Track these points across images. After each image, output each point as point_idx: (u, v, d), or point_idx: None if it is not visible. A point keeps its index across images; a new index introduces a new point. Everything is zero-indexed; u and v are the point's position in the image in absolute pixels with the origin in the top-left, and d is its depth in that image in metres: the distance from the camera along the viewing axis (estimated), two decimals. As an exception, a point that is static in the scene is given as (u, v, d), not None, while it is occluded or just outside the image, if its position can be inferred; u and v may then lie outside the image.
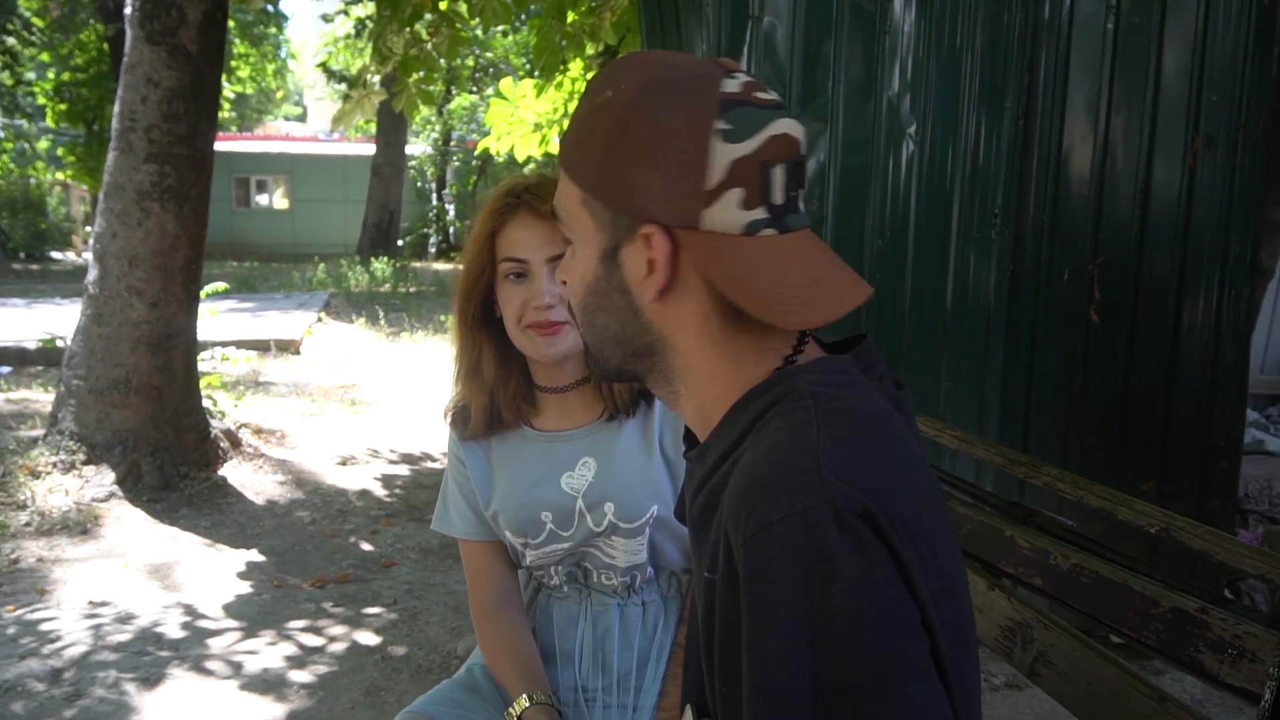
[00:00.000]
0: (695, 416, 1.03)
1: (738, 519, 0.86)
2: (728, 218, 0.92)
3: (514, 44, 23.51)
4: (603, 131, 0.95)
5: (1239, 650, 1.14)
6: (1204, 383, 3.32)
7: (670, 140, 0.91)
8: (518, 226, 1.61)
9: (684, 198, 0.92)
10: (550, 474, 1.70)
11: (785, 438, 0.88)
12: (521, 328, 1.61)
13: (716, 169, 0.91)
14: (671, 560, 1.72)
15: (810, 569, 0.81)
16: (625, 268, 0.98)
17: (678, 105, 0.92)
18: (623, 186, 0.95)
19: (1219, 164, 3.17)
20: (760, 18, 3.30)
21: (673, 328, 0.99)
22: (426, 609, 3.89)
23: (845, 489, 0.83)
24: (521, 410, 1.72)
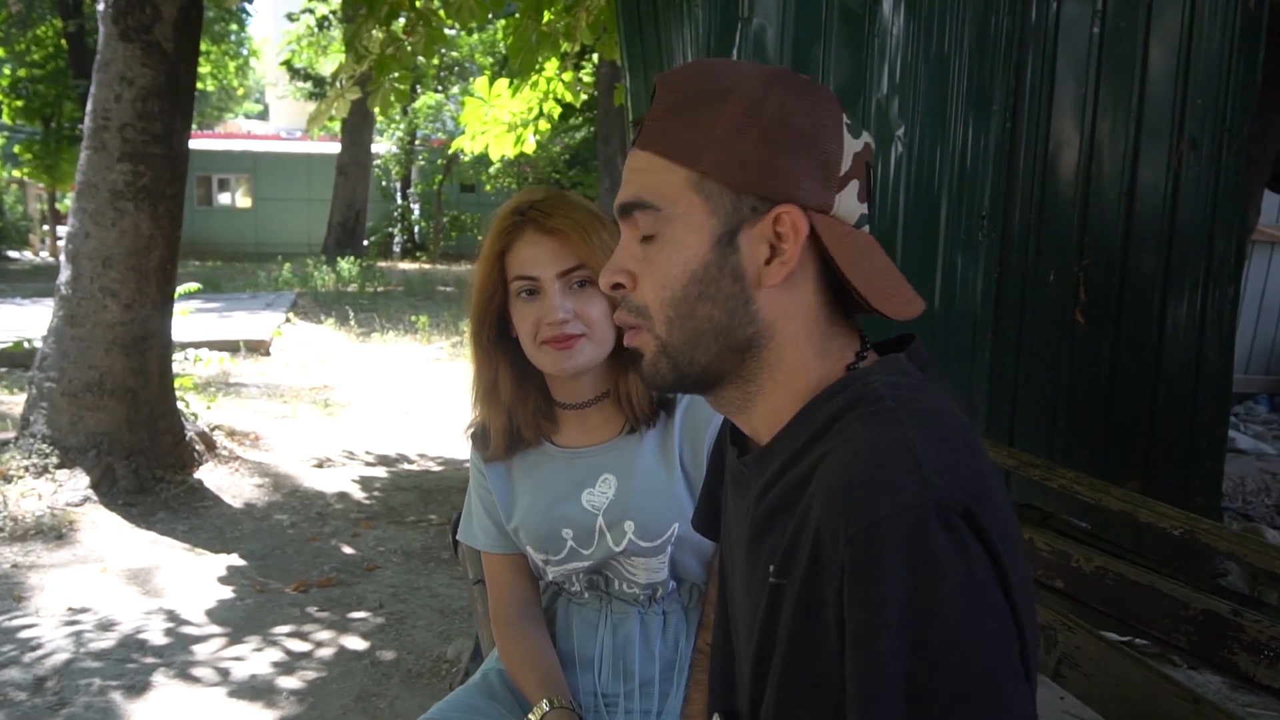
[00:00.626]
0: (766, 420, 1.01)
1: (838, 516, 0.85)
2: (850, 207, 0.96)
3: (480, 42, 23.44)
4: (730, 113, 0.95)
5: (1276, 652, 1.15)
6: (1188, 383, 3.37)
7: (812, 122, 0.94)
8: (526, 244, 1.60)
9: (821, 181, 0.94)
10: (571, 491, 1.69)
11: (879, 436, 0.88)
12: (537, 344, 1.60)
13: (845, 159, 0.94)
14: (693, 573, 1.71)
15: (917, 567, 0.81)
16: (743, 251, 0.96)
17: (807, 92, 0.95)
18: (756, 167, 0.94)
19: (1203, 166, 3.22)
20: (750, 20, 3.30)
21: (780, 315, 0.98)
22: (413, 612, 3.86)
23: (949, 488, 0.83)
24: (541, 427, 1.71)
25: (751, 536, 1.01)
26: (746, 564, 1.03)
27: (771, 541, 0.98)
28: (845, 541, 0.84)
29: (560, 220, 1.58)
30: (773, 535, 0.98)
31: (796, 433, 0.97)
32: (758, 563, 1.00)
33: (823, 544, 0.88)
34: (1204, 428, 3.38)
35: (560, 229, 1.58)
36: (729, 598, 1.17)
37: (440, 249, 25.78)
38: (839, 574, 0.85)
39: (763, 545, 0.99)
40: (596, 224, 1.61)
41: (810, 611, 0.91)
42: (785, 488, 0.96)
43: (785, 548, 0.95)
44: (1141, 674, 1.29)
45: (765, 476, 0.99)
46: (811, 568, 0.90)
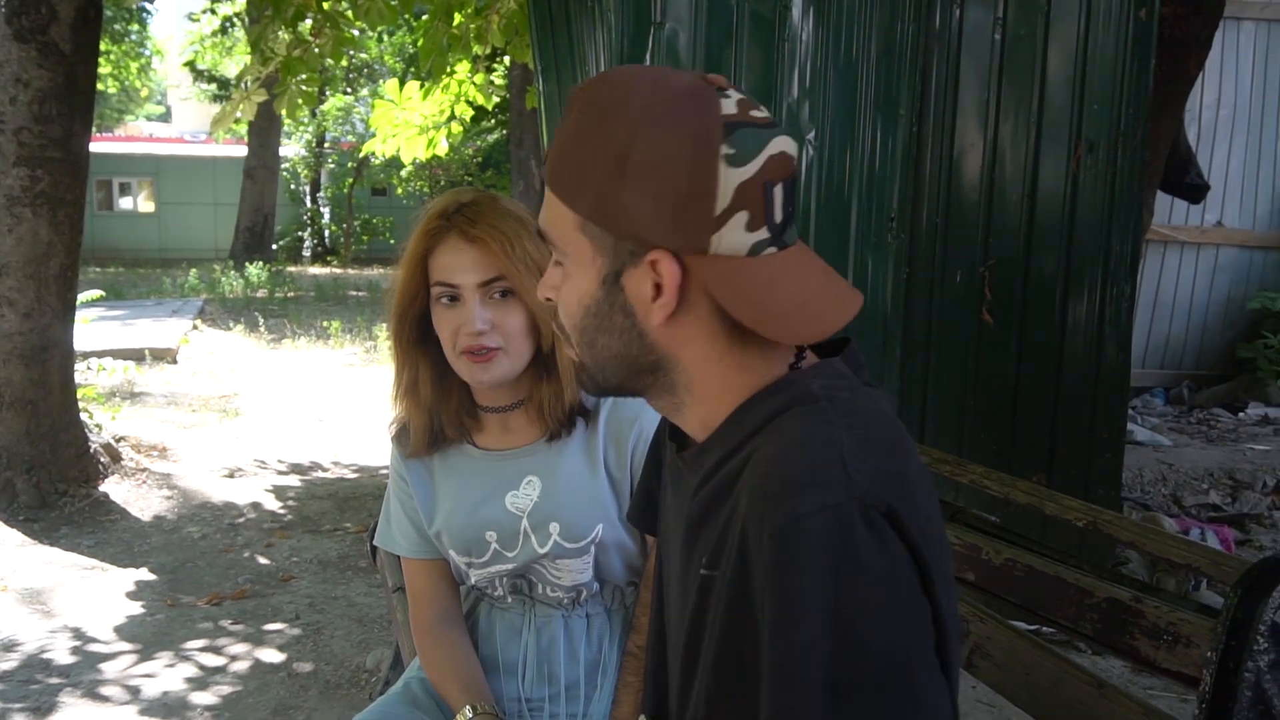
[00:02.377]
0: (700, 424, 1.04)
1: (763, 511, 0.88)
2: (735, 241, 0.94)
3: (390, 45, 23.16)
4: (603, 157, 0.95)
5: (1174, 636, 1.21)
6: (1088, 378, 3.49)
7: (677, 168, 0.92)
8: (448, 250, 1.58)
9: (692, 225, 0.93)
10: (494, 493, 1.69)
11: (808, 434, 0.91)
12: (456, 353, 1.59)
13: (723, 194, 0.92)
14: (616, 575, 1.72)
15: (839, 563, 0.84)
16: (629, 291, 0.99)
17: (681, 131, 0.92)
18: (627, 213, 0.95)
19: (1100, 169, 3.34)
20: (662, 24, 3.33)
21: (678, 345, 1.00)
22: (330, 623, 3.81)
23: (871, 487, 0.86)
24: (464, 425, 1.70)
25: (688, 531, 1.03)
26: (682, 558, 1.05)
27: (705, 535, 1.00)
28: (768, 536, 0.87)
29: (484, 229, 1.57)
30: (706, 529, 1.00)
31: (732, 430, 0.99)
32: (693, 556, 1.02)
33: (749, 540, 0.90)
34: (1104, 421, 3.50)
35: (483, 238, 1.57)
36: (664, 594, 1.19)
37: (352, 253, 25.40)
38: (762, 567, 0.88)
39: (698, 539, 1.01)
40: (522, 234, 1.60)
41: (738, 604, 0.93)
42: (719, 482, 0.98)
43: (715, 541, 0.97)
44: (1050, 662, 1.34)
45: (701, 472, 1.02)
46: (739, 563, 0.92)
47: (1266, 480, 5.23)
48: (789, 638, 0.85)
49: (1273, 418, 6.50)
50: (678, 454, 1.09)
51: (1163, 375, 7.19)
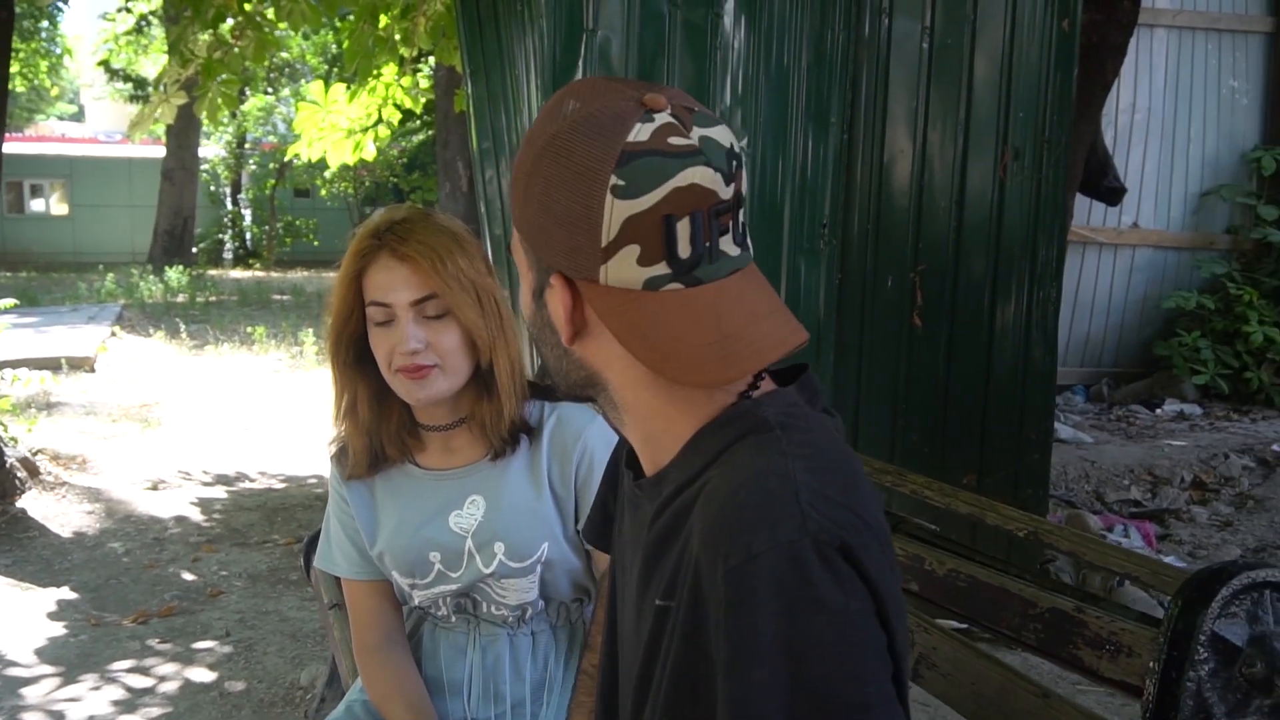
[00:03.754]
0: (642, 444, 1.04)
1: (717, 548, 0.87)
2: (624, 274, 0.91)
3: (312, 45, 22.81)
4: (526, 170, 0.96)
5: (1116, 646, 1.23)
6: (1016, 379, 3.56)
7: (569, 192, 0.91)
8: (380, 269, 1.57)
9: (583, 252, 0.92)
10: (437, 513, 1.67)
11: (762, 467, 0.90)
12: (392, 372, 1.57)
13: (609, 226, 0.90)
14: (562, 592, 1.72)
15: (793, 602, 0.83)
16: (550, 308, 1.00)
17: (580, 155, 0.91)
18: (536, 231, 0.96)
19: (1026, 175, 3.41)
20: (595, 31, 3.32)
21: (601, 366, 1.00)
22: (262, 639, 3.74)
23: (825, 523, 0.85)
24: (406, 445, 1.68)
25: (645, 561, 1.02)
26: (638, 585, 1.04)
27: (661, 566, 0.99)
28: (721, 574, 0.86)
29: (415, 246, 1.56)
30: (663, 560, 0.99)
31: (689, 459, 0.98)
32: (649, 585, 1.02)
33: (702, 577, 0.89)
34: (1032, 422, 3.58)
35: (413, 256, 1.55)
36: (618, 616, 1.18)
37: (275, 256, 24.96)
38: (716, 605, 0.87)
39: (655, 569, 1.01)
40: (454, 250, 1.58)
41: (692, 638, 0.92)
42: (673, 514, 0.98)
43: (670, 573, 0.96)
44: (996, 671, 1.36)
45: (657, 501, 1.01)
46: (692, 599, 0.91)
47: (1184, 476, 5.39)
48: (745, 678, 0.84)
49: (1188, 414, 6.70)
50: (634, 481, 1.09)
51: (1083, 373, 7.37)
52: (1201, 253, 7.37)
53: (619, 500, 1.22)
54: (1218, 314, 7.04)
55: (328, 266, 23.72)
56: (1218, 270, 7.17)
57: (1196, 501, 5.13)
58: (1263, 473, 5.49)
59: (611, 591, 1.23)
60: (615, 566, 1.22)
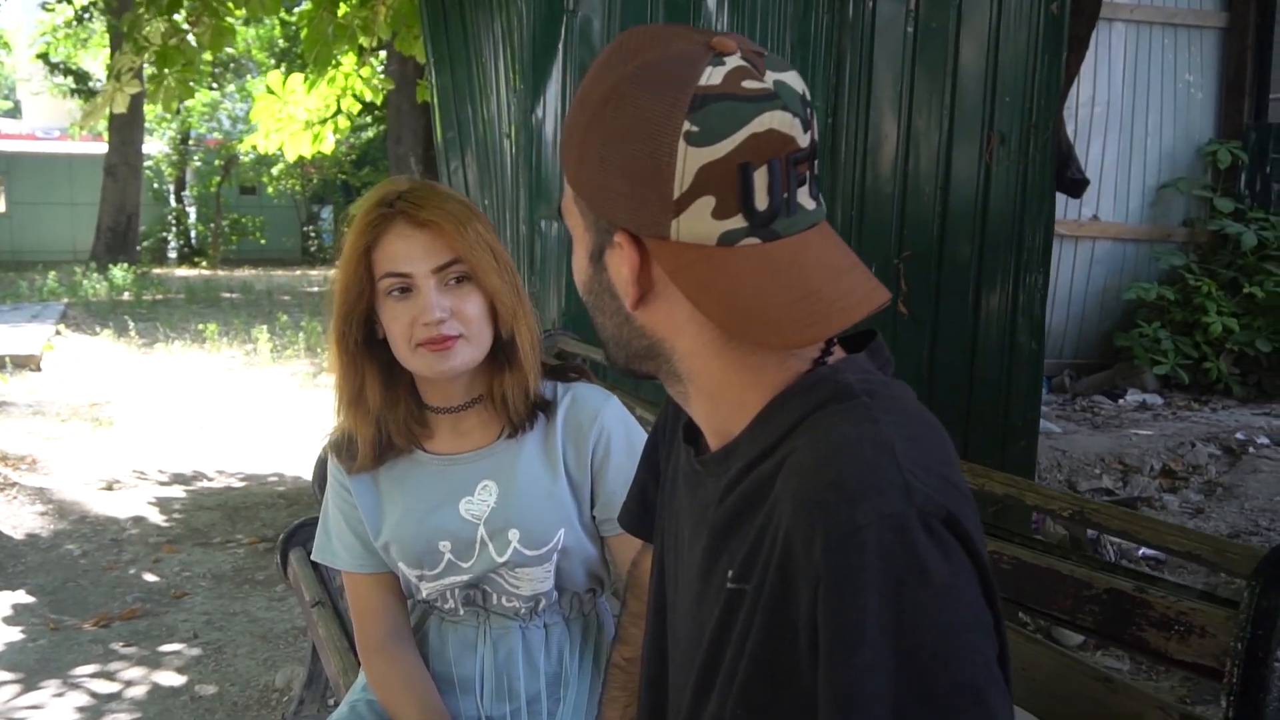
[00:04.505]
0: (708, 417, 0.97)
1: (814, 522, 0.80)
2: (699, 229, 0.85)
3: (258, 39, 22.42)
4: (582, 125, 0.89)
5: (1187, 626, 1.18)
6: (1002, 367, 3.53)
7: (635, 143, 0.84)
8: (396, 238, 1.49)
9: (650, 206, 0.85)
10: (447, 500, 1.58)
11: (855, 434, 0.83)
12: (412, 347, 1.49)
13: (682, 176, 0.83)
14: (576, 582, 1.64)
15: (902, 577, 0.77)
16: (610, 271, 0.93)
17: (647, 102, 0.84)
18: (597, 189, 0.89)
19: (1012, 161, 3.38)
20: (575, 12, 3.25)
21: (667, 333, 0.93)
22: (231, 640, 3.61)
23: (930, 493, 0.80)
24: (413, 433, 1.59)
25: (712, 540, 0.95)
26: (702, 569, 0.97)
27: (732, 545, 0.92)
28: (821, 551, 0.79)
29: (433, 211, 1.48)
30: (734, 539, 0.92)
31: (762, 431, 0.91)
32: (715, 568, 0.95)
33: (794, 552, 0.82)
34: (1018, 410, 3.56)
35: (434, 221, 1.48)
36: (667, 606, 1.10)
37: (220, 254, 24.50)
38: (814, 585, 0.80)
39: (723, 549, 0.93)
40: (471, 215, 1.52)
41: (777, 624, 0.85)
42: (748, 488, 0.91)
43: (746, 552, 0.89)
44: (1049, 657, 1.31)
45: (728, 476, 0.93)
46: (779, 577, 0.84)
47: (1153, 464, 5.42)
48: (851, 661, 0.77)
49: (1150, 404, 6.76)
50: (695, 457, 1.01)
51: (1046, 364, 7.40)
52: (1160, 245, 7.45)
53: (668, 480, 1.14)
54: (1177, 305, 7.11)
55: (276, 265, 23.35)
56: (1176, 262, 7.26)
57: (1167, 489, 5.16)
58: (1229, 460, 5.55)
59: (658, 577, 1.15)
60: (664, 551, 1.14)
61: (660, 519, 1.16)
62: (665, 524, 1.13)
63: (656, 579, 1.16)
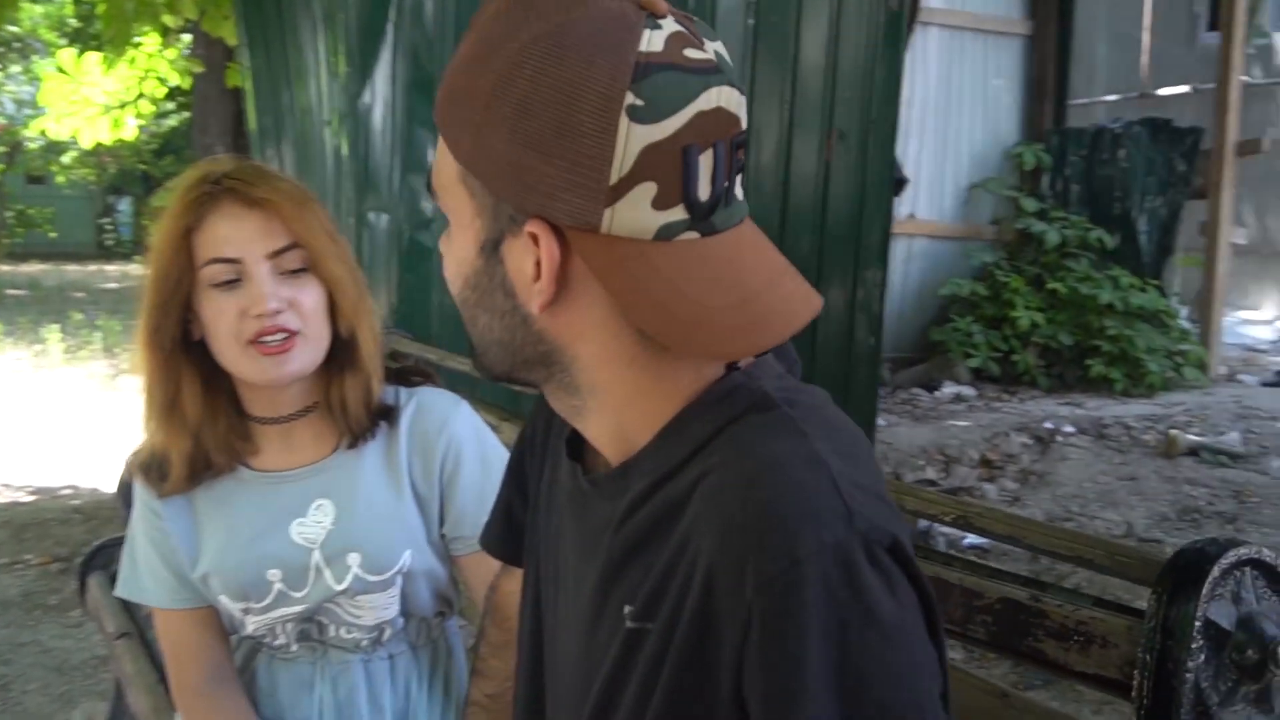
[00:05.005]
0: (610, 432, 0.84)
1: (743, 554, 0.69)
2: (635, 220, 0.73)
3: (46, 18, 20.90)
4: (485, 89, 0.74)
5: (1086, 636, 1.14)
6: (841, 361, 3.54)
7: (562, 115, 0.71)
8: (223, 219, 1.31)
9: (579, 193, 0.72)
10: (276, 523, 1.41)
11: (784, 451, 0.73)
12: (241, 345, 1.31)
13: (622, 158, 0.71)
14: (423, 606, 1.49)
15: (846, 616, 0.68)
16: (508, 265, 0.78)
17: (580, 68, 0.71)
18: (505, 167, 0.74)
19: (852, 157, 3.38)
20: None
21: (571, 339, 0.80)
22: (20, 674, 3.27)
23: (871, 517, 0.70)
24: (236, 449, 1.41)
25: (607, 571, 0.83)
26: (593, 601, 0.85)
27: (632, 576, 0.80)
28: (754, 589, 0.69)
29: (267, 189, 1.31)
30: (634, 569, 0.80)
31: (669, 445, 0.79)
32: (609, 601, 0.82)
33: (716, 589, 0.71)
34: (857, 406, 3.57)
35: (269, 200, 1.31)
36: (544, 638, 0.98)
37: (5, 248, 22.76)
38: (742, 628, 0.70)
39: (619, 581, 0.82)
40: (307, 196, 1.35)
41: (691, 669, 0.74)
42: (653, 512, 0.79)
43: (652, 586, 0.78)
44: (942, 672, 1.24)
45: (627, 498, 0.81)
46: (696, 616, 0.73)
47: (972, 454, 5.61)
48: (791, 715, 0.68)
49: (964, 395, 7.01)
50: (583, 476, 0.89)
51: (869, 359, 7.60)
52: (971, 242, 7.75)
53: (542, 499, 1.02)
54: (988, 300, 7.40)
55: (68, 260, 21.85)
56: (987, 259, 7.56)
57: (985, 479, 5.34)
58: (1040, 449, 5.79)
59: (532, 606, 1.03)
60: (539, 578, 1.02)
61: (532, 542, 1.03)
62: (541, 548, 1.00)
63: (530, 608, 1.03)
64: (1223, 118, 7.30)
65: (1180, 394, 7.00)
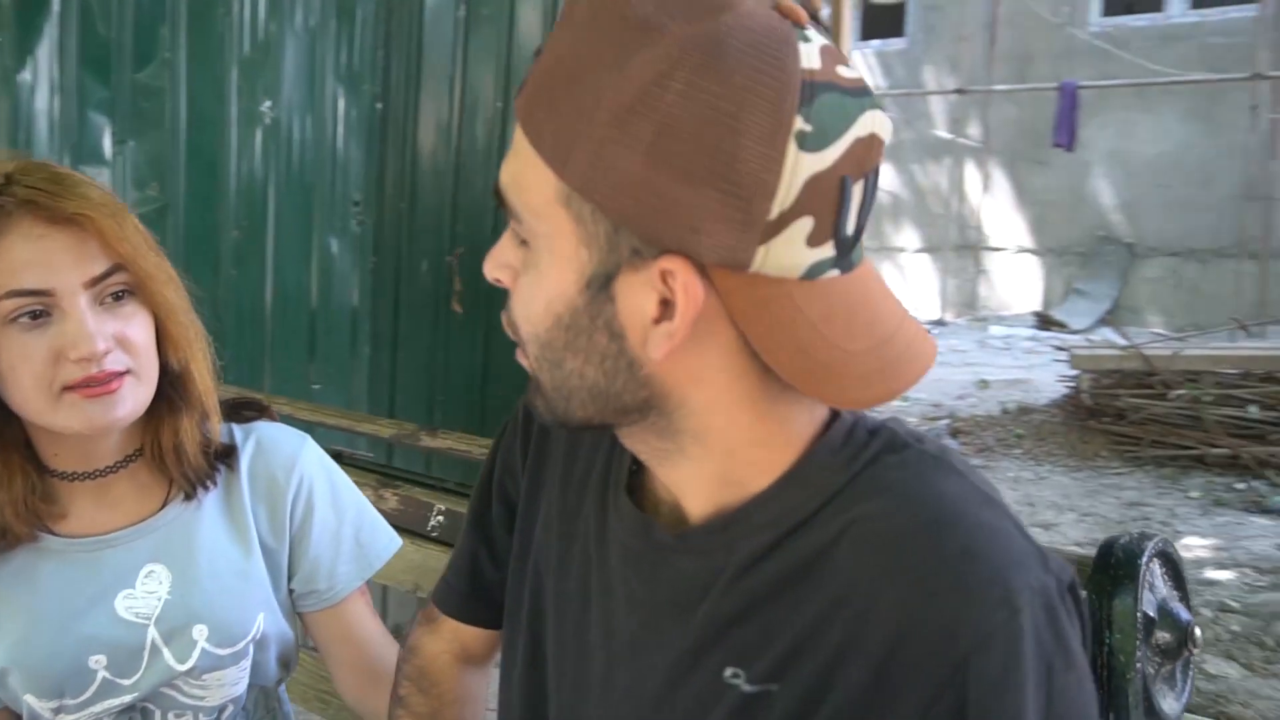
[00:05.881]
0: (708, 482, 0.76)
1: (952, 610, 0.66)
2: (788, 258, 0.66)
3: None
4: (615, 101, 0.64)
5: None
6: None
7: (722, 139, 0.63)
8: (23, 240, 1.06)
9: (731, 227, 0.64)
10: (97, 599, 1.16)
11: (955, 493, 0.70)
12: (56, 393, 1.07)
13: (787, 190, 0.64)
14: (268, 675, 1.30)
15: (1051, 662, 0.66)
16: (620, 303, 0.69)
17: (743, 83, 0.63)
18: (637, 193, 0.65)
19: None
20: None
21: (684, 383, 0.72)
22: None
23: (1056, 558, 0.70)
24: (39, 514, 1.14)
25: (702, 631, 0.75)
26: (676, 664, 0.77)
27: (742, 637, 0.73)
28: (971, 642, 0.65)
29: (77, 200, 1.07)
30: (745, 629, 0.73)
31: (790, 496, 0.73)
32: (701, 663, 0.75)
33: (908, 646, 0.67)
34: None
35: (84, 215, 1.07)
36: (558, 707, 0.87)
37: None
38: (941, 687, 0.66)
39: (720, 642, 0.75)
40: (120, 205, 1.13)
41: None
42: (779, 569, 0.73)
43: (783, 647, 0.71)
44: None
45: (738, 554, 0.74)
46: (869, 677, 0.68)
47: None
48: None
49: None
50: (660, 530, 0.80)
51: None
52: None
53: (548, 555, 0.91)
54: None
55: None
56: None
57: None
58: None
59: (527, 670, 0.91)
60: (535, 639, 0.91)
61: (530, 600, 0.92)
62: (553, 602, 0.89)
63: (525, 670, 0.92)
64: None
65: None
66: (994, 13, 12.20)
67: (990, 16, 12.24)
